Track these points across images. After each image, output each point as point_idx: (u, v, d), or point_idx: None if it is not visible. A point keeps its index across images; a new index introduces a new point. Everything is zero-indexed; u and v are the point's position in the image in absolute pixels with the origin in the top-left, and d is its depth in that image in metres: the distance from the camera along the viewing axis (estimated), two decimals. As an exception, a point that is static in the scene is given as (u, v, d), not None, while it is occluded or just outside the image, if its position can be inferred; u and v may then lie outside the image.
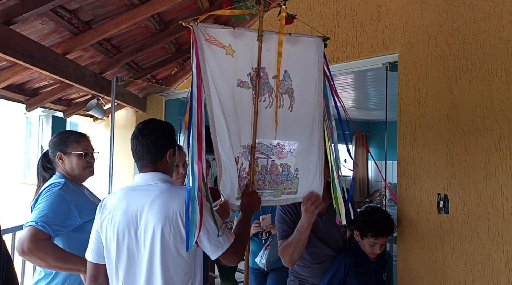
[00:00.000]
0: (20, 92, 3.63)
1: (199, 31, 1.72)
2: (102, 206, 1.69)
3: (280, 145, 1.97)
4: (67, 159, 2.08)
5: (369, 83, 6.26)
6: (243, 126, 1.87)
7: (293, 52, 1.95)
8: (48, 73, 2.82)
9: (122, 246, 1.60)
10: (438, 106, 2.58)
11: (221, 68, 1.78)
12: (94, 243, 1.69)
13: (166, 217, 1.54)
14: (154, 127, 1.71)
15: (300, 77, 1.99)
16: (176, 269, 1.57)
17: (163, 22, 3.40)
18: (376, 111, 8.61)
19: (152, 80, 4.60)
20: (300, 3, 3.48)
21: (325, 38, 2.06)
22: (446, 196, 2.48)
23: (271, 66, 1.90)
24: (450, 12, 2.57)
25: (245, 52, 1.85)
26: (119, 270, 1.61)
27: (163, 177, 1.67)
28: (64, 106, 4.53)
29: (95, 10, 2.80)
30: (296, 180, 2.04)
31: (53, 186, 2.00)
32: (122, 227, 1.59)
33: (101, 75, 3.69)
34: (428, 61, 2.65)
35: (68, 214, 1.93)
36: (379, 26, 2.96)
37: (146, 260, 1.57)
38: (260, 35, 1.84)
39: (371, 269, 2.36)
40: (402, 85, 2.79)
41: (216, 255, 1.58)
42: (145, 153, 1.66)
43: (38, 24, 2.63)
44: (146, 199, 1.59)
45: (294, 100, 1.98)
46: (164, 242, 1.55)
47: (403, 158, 2.73)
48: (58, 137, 2.14)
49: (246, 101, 1.86)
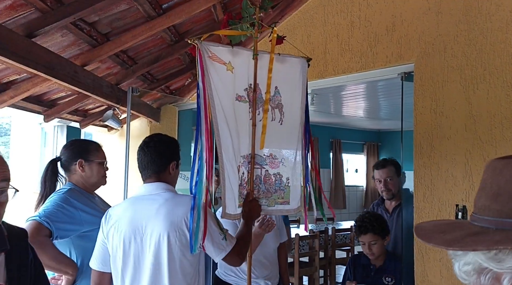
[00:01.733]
0: (38, 103, 3.69)
1: (203, 48, 1.86)
2: (107, 216, 1.80)
3: (273, 155, 2.11)
4: (88, 166, 2.10)
5: (380, 93, 6.25)
6: (242, 138, 2.00)
7: (282, 70, 2.13)
8: (68, 85, 2.86)
9: (129, 253, 1.70)
10: (455, 116, 2.57)
11: (223, 82, 1.92)
12: (100, 252, 1.79)
13: (172, 223, 1.66)
14: (159, 140, 1.87)
15: (288, 93, 2.15)
16: (183, 272, 1.69)
17: (178, 34, 3.45)
18: (387, 121, 8.58)
19: (166, 91, 4.65)
20: (314, 14, 3.51)
21: (308, 59, 2.24)
22: (465, 207, 2.45)
23: (263, 83, 2.06)
24: (467, 22, 2.57)
25: (242, 69, 2.00)
26: (125, 277, 1.71)
27: (166, 186, 1.80)
28: (80, 117, 4.59)
29: (113, 22, 2.85)
30: (288, 189, 2.16)
31: (59, 191, 2.04)
32: (128, 235, 1.70)
33: (117, 86, 3.74)
34: (445, 71, 2.65)
35: (72, 218, 1.95)
36: (394, 36, 2.97)
37: (152, 265, 1.67)
38: (255, 54, 2.02)
39: (369, 270, 2.58)
40: (418, 95, 2.78)
41: (220, 257, 1.72)
42: (150, 163, 1.81)
43: (58, 36, 2.69)
44: (151, 207, 1.70)
45: (284, 114, 2.14)
46: (170, 247, 1.65)
47: (420, 168, 2.72)
48: (77, 144, 2.16)
49: (243, 114, 2.01)
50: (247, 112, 2.03)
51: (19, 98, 3.14)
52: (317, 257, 5.15)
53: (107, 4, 2.54)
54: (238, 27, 2.04)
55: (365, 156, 10.27)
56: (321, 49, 3.45)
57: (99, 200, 2.21)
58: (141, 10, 2.78)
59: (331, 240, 5.57)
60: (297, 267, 4.73)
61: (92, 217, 2.01)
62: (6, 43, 2.21)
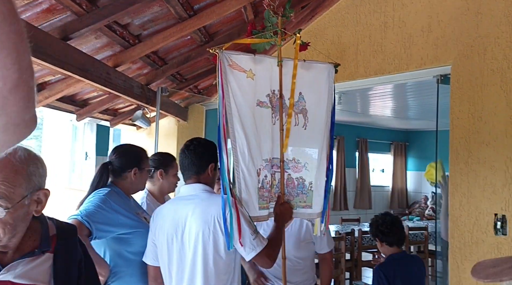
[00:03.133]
0: (71, 102, 3.76)
1: (224, 58, 1.94)
2: (154, 216, 1.95)
3: (296, 160, 2.15)
4: (139, 174, 2.17)
5: (410, 93, 6.10)
6: (264, 142, 2.05)
7: (307, 76, 2.16)
8: (100, 86, 2.91)
9: (171, 250, 1.83)
10: (495, 121, 2.47)
11: (242, 89, 1.99)
12: (151, 248, 1.93)
13: (206, 222, 1.76)
14: (198, 144, 1.97)
15: (313, 99, 2.18)
16: (216, 268, 1.77)
17: (208, 34, 3.45)
18: (416, 121, 8.38)
19: (194, 90, 4.67)
20: (345, 14, 3.44)
21: (336, 64, 2.24)
22: (504, 217, 2.35)
23: (287, 89, 2.11)
24: (509, 24, 2.46)
25: (264, 76, 2.06)
26: (171, 270, 1.84)
27: (204, 187, 1.90)
28: (110, 116, 4.67)
29: (145, 24, 2.87)
30: (311, 193, 2.18)
31: (99, 192, 2.05)
32: (170, 233, 1.83)
33: (147, 87, 3.78)
34: (484, 74, 2.55)
35: (110, 219, 1.97)
36: (430, 37, 2.87)
37: (191, 260, 1.79)
38: (280, 61, 2.07)
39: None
40: (455, 99, 2.69)
41: (250, 256, 1.76)
42: (190, 165, 1.91)
43: (92, 38, 2.72)
44: (189, 207, 1.82)
45: (308, 119, 2.17)
46: (205, 244, 1.76)
47: (456, 174, 2.63)
48: (132, 153, 2.19)
49: (266, 119, 2.06)
50: (270, 118, 2.09)
51: (54, 98, 3.21)
52: (343, 259, 5.08)
53: (140, 6, 2.56)
54: (262, 36, 2.10)
55: (392, 155, 10.07)
56: (352, 50, 3.38)
57: (133, 202, 2.23)
58: (173, 12, 2.79)
59: (358, 242, 5.49)
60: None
61: (129, 220, 2.03)
62: (42, 46, 2.25)
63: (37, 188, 1.09)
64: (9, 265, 1.06)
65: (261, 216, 2.02)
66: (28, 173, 1.06)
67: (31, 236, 1.13)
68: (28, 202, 1.07)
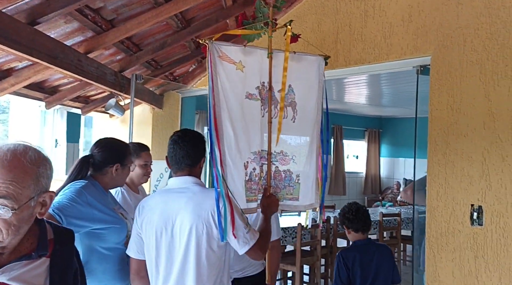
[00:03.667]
0: (39, 90, 3.57)
1: (214, 48, 1.92)
2: (140, 208, 1.87)
3: (283, 152, 2.15)
4: (121, 170, 2.08)
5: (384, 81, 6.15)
6: (253, 135, 2.03)
7: (297, 68, 2.16)
8: (71, 74, 2.76)
9: (160, 243, 1.78)
10: (473, 113, 2.49)
11: (231, 81, 1.97)
12: (135, 241, 1.87)
13: (199, 216, 1.72)
14: (193, 135, 1.90)
15: (302, 91, 2.19)
16: (208, 262, 1.75)
17: (185, 20, 3.33)
18: (390, 108, 8.49)
19: (170, 77, 4.54)
20: (325, 1, 3.38)
21: (326, 57, 2.24)
22: (481, 207, 2.40)
23: (277, 81, 2.09)
24: (489, 15, 2.47)
25: (253, 68, 2.04)
26: (159, 265, 1.79)
27: (195, 180, 1.85)
28: (82, 103, 4.49)
29: (119, 9, 2.73)
30: (298, 186, 2.19)
31: (76, 183, 1.96)
32: (159, 227, 1.77)
33: (121, 74, 3.63)
34: (464, 65, 2.56)
35: (84, 213, 1.88)
36: (410, 27, 2.86)
37: (182, 254, 1.74)
38: (270, 53, 2.06)
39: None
40: (434, 90, 2.70)
41: (243, 250, 1.75)
42: (185, 157, 1.83)
43: (62, 23, 2.57)
44: (181, 200, 1.76)
45: (297, 112, 2.17)
46: (198, 238, 1.72)
47: (434, 165, 2.65)
48: (115, 148, 2.07)
49: (255, 112, 2.04)
50: (259, 110, 2.07)
51: (20, 86, 3.04)
52: (319, 246, 5.13)
53: (114, -11, 2.43)
54: (253, 27, 2.06)
55: (366, 142, 10.21)
56: (332, 38, 3.34)
57: (111, 197, 2.14)
58: (148, -4, 2.67)
59: (333, 229, 5.55)
60: (299, 255, 4.72)
61: (104, 215, 1.94)
62: (8, 32, 2.10)
63: (44, 190, 1.06)
64: (4, 267, 1.02)
65: (249, 209, 2.03)
66: (37, 174, 1.04)
67: (29, 238, 1.09)
68: (34, 204, 1.04)
